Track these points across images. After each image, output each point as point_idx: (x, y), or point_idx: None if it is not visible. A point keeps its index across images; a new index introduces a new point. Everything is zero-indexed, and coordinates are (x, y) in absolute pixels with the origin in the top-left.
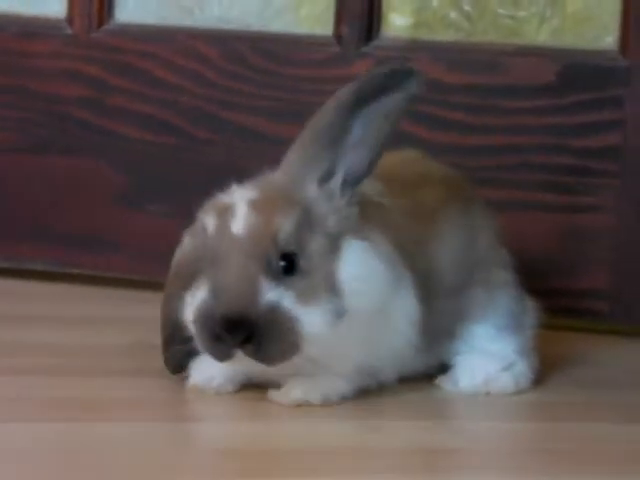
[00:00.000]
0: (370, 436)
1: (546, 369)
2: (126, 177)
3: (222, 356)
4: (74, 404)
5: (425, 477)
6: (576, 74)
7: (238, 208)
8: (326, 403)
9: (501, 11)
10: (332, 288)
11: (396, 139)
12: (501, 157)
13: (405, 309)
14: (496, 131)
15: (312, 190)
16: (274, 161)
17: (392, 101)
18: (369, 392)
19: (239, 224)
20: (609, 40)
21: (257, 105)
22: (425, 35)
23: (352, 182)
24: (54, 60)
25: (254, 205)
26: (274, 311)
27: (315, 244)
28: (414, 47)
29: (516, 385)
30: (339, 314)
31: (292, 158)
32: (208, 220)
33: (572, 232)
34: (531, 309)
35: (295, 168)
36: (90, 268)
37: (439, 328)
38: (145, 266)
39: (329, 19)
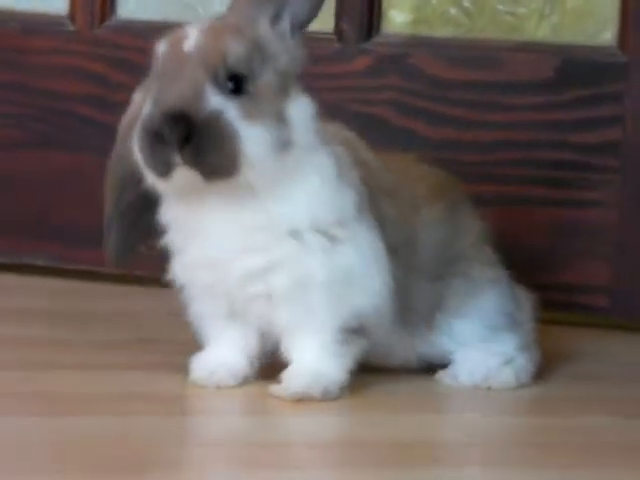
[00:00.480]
0: (369, 429)
1: (545, 363)
2: None
3: (162, 165)
4: (74, 398)
5: (424, 470)
6: (575, 70)
7: (190, 32)
8: (326, 397)
9: (500, 7)
10: (279, 118)
11: (396, 134)
12: (501, 153)
13: (370, 242)
14: (495, 127)
15: (263, 28)
16: None
17: None
18: (368, 386)
19: (190, 43)
20: (608, 36)
21: None
22: (425, 31)
23: (300, 25)
24: (56, 57)
25: (207, 30)
26: (216, 116)
27: (266, 77)
28: (414, 43)
29: (517, 380)
30: (284, 143)
31: (236, 7)
32: (160, 46)
33: (571, 227)
34: (527, 304)
35: (244, 10)
36: (91, 264)
37: (415, 309)
38: (146, 262)
39: (329, 15)
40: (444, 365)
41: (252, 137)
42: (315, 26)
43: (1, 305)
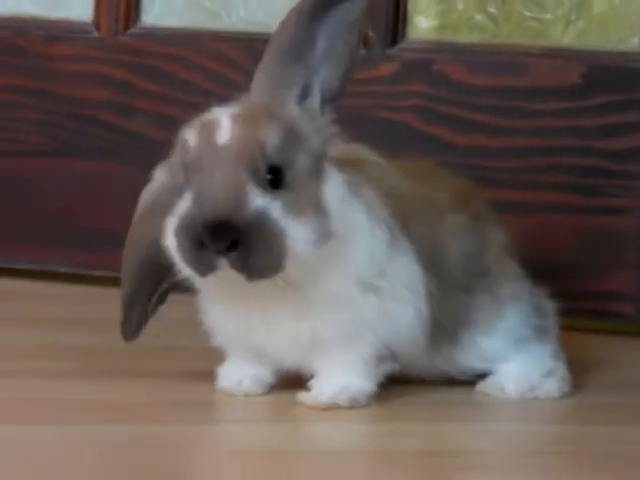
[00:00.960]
0: (396, 439)
1: (572, 372)
2: None
3: (205, 267)
4: (100, 407)
5: (450, 479)
6: (602, 76)
7: (222, 121)
8: (354, 405)
9: (526, 13)
10: (318, 209)
11: (421, 141)
12: (526, 159)
13: (407, 274)
14: (521, 133)
15: (293, 109)
16: None
17: (351, 6)
18: (394, 395)
19: (224, 135)
20: (635, 41)
21: None
22: (450, 37)
23: (329, 98)
24: (80, 63)
25: (238, 119)
26: (262, 218)
27: (301, 163)
28: (439, 49)
29: (560, 390)
30: (325, 234)
31: (264, 80)
32: (189, 135)
33: (598, 234)
34: (551, 312)
35: (271, 89)
36: (114, 270)
37: (440, 324)
38: None
39: None
40: (479, 376)
41: (296, 234)
42: None
43: (21, 312)
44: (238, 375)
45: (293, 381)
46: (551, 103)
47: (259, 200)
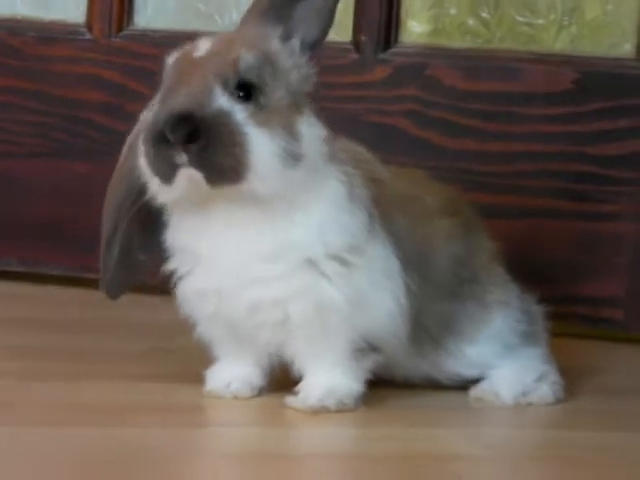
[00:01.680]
0: (384, 443)
1: (562, 377)
2: None
3: (166, 166)
4: (89, 409)
5: None
6: (594, 81)
7: (200, 42)
8: (342, 409)
9: (519, 18)
10: (290, 131)
11: (413, 145)
12: (518, 164)
13: (384, 262)
14: (513, 138)
15: (274, 44)
16: None
17: None
18: (384, 398)
19: (200, 51)
20: (627, 48)
21: None
22: (443, 42)
23: (310, 45)
24: (73, 65)
25: (217, 40)
26: (223, 116)
27: (277, 92)
28: (432, 54)
29: (554, 394)
30: (293, 155)
31: (248, 23)
32: (169, 58)
33: (589, 239)
34: (540, 316)
35: (255, 26)
36: None
37: (425, 327)
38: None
39: (348, 26)
40: (472, 381)
41: (260, 141)
42: (334, 36)
43: (14, 315)
44: (227, 377)
45: (282, 383)
46: (543, 108)
47: (223, 100)
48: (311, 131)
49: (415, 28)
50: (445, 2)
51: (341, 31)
